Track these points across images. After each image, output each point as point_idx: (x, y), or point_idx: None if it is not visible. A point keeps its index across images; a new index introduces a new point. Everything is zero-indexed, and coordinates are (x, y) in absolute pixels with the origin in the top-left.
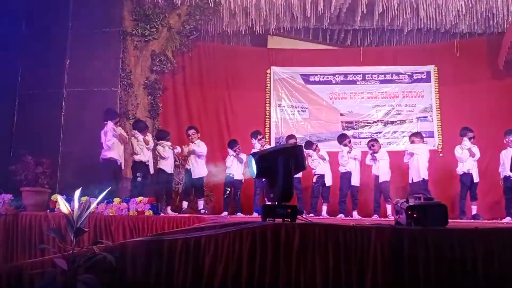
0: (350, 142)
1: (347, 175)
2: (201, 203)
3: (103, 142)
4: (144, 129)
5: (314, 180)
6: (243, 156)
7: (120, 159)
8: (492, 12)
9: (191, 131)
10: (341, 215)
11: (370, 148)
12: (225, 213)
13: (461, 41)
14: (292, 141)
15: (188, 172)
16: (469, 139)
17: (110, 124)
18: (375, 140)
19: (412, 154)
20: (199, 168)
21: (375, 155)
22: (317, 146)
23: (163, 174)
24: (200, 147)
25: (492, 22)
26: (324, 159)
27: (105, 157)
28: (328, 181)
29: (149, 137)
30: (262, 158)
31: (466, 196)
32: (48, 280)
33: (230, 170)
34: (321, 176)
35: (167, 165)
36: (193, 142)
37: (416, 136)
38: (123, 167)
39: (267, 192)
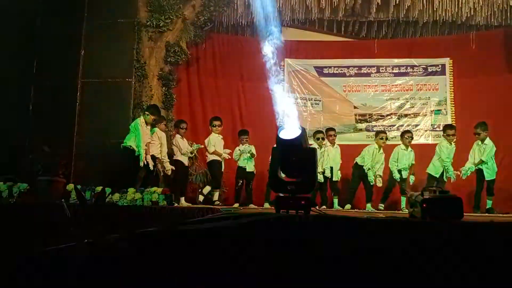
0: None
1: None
2: (216, 194)
3: None
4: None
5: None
6: (252, 147)
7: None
8: (509, 4)
9: (217, 122)
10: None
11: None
12: (237, 204)
13: (477, 34)
14: None
15: (220, 164)
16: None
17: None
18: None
19: None
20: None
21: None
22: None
23: (179, 165)
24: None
25: (509, 14)
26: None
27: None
28: (336, 175)
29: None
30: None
31: (481, 190)
32: (64, 268)
33: (241, 163)
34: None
35: (183, 157)
36: (216, 133)
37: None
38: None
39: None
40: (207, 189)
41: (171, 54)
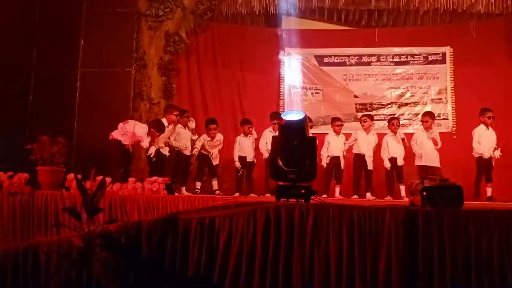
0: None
1: (361, 158)
2: (215, 184)
3: None
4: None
5: (328, 161)
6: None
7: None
8: None
9: (213, 126)
10: (355, 196)
11: (394, 125)
12: (238, 193)
13: (478, 22)
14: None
15: (206, 157)
16: (488, 118)
17: None
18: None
19: None
20: (217, 156)
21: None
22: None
23: (180, 155)
24: (220, 142)
25: (510, 3)
26: None
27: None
28: (342, 163)
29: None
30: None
31: (481, 178)
32: (64, 257)
33: (242, 152)
34: (335, 158)
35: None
36: (212, 136)
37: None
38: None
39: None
40: (197, 184)
41: (171, 44)
